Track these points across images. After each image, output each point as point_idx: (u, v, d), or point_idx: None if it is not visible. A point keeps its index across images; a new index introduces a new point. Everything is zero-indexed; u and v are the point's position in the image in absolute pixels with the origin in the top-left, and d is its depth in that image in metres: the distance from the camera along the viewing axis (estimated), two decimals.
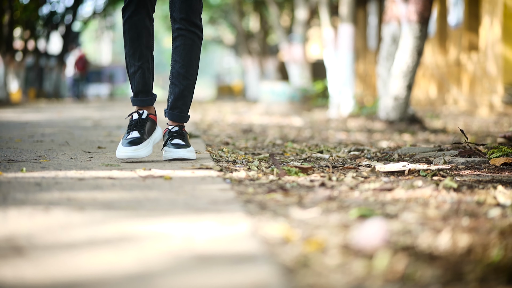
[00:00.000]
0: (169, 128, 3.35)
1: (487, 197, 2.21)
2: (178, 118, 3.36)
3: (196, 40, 3.34)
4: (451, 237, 1.55)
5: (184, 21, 3.29)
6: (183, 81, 3.35)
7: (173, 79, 3.36)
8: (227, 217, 1.76)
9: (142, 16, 3.24)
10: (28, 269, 1.25)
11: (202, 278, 1.19)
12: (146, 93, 3.32)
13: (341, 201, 2.07)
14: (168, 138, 3.30)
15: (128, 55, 3.29)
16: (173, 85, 3.36)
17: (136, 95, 3.33)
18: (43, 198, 2.05)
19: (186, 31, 3.30)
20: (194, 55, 3.36)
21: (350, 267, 1.31)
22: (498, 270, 1.29)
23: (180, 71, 3.34)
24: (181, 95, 3.35)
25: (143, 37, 3.26)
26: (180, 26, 3.29)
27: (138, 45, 3.25)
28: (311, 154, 3.96)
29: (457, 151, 3.70)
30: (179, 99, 3.35)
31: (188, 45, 3.32)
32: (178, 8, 3.28)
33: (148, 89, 3.33)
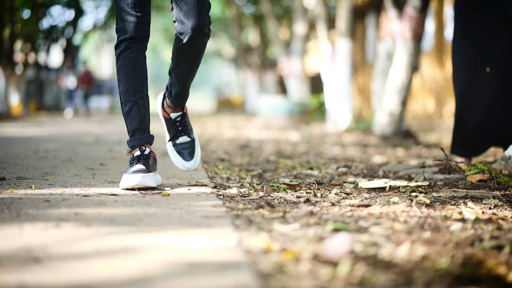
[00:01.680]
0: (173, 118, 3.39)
1: (453, 212, 2.44)
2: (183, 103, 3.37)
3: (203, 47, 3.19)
4: (409, 248, 1.79)
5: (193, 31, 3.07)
6: (189, 80, 3.29)
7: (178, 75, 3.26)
8: (217, 231, 2.00)
9: (135, 50, 3.16)
10: (45, 275, 1.48)
11: (193, 281, 1.43)
12: (143, 130, 3.16)
13: (320, 216, 2.31)
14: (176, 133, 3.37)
15: (122, 92, 3.17)
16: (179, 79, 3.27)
17: (133, 134, 3.16)
18: (53, 213, 2.29)
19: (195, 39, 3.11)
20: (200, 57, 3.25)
21: (318, 273, 1.54)
22: (443, 275, 1.52)
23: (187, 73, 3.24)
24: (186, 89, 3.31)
25: (138, 72, 3.17)
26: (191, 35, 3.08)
27: (133, 80, 3.15)
28: (301, 171, 4.20)
29: (437, 168, 3.94)
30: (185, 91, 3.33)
31: (197, 49, 3.16)
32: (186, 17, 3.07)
33: (146, 126, 3.17)
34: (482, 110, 4.48)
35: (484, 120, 4.48)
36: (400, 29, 8.89)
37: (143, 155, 3.08)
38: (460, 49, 4.54)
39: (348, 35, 12.79)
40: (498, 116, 4.43)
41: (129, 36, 3.13)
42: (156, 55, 51.80)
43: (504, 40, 4.39)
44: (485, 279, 1.50)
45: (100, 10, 30.24)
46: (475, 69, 4.47)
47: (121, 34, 3.15)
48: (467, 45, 4.51)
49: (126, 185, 2.97)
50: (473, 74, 4.49)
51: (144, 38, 3.18)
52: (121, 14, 3.12)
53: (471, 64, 4.48)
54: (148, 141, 3.15)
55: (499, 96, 4.44)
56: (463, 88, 4.52)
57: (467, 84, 4.50)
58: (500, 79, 4.42)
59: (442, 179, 3.61)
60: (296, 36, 18.80)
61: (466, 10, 4.54)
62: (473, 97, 4.51)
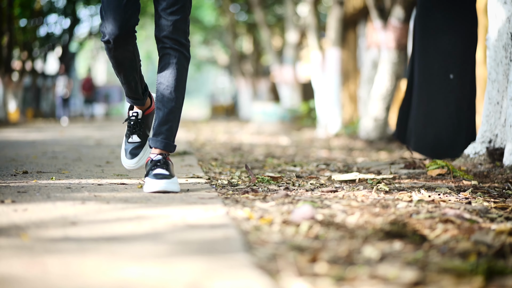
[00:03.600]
0: (152, 157, 3.10)
1: (404, 196, 2.98)
2: (162, 145, 3.11)
3: (182, 60, 3.12)
4: (358, 217, 2.32)
5: (167, 39, 3.09)
6: (167, 104, 3.11)
7: (157, 104, 3.14)
8: (210, 207, 2.52)
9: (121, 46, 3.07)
10: (82, 232, 2.00)
11: (192, 234, 1.96)
12: (136, 98, 3.34)
13: (294, 197, 2.85)
14: (150, 168, 3.06)
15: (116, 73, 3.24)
16: (157, 109, 3.14)
17: (128, 96, 3.36)
18: (76, 196, 2.81)
19: (170, 49, 3.10)
20: (179, 76, 3.12)
21: (285, 231, 2.07)
22: (377, 232, 2.05)
23: (165, 93, 3.11)
24: (165, 120, 3.11)
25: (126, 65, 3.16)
26: (165, 44, 3.10)
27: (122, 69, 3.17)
28: (285, 168, 4.73)
29: (404, 164, 4.48)
30: (163, 124, 3.11)
31: (172, 64, 3.10)
32: (162, 26, 3.09)
33: (137, 95, 3.32)
34: (447, 115, 5.04)
35: (448, 124, 5.04)
36: (385, 39, 9.42)
37: (137, 121, 3.34)
38: (425, 59, 5.10)
39: (338, 44, 13.22)
40: (459, 119, 4.99)
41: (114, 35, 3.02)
42: (150, 62, 52.31)
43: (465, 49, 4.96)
44: (409, 234, 2.02)
45: (96, 18, 30.71)
46: (438, 77, 5.03)
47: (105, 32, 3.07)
48: (432, 55, 5.08)
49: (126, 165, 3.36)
50: (438, 81, 5.05)
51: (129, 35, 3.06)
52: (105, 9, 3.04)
53: (436, 72, 5.04)
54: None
55: (461, 100, 5.00)
56: (430, 96, 5.07)
57: (433, 91, 5.06)
58: (462, 85, 4.99)
59: (406, 173, 4.14)
60: (288, 44, 19.28)
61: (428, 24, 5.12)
62: (440, 104, 5.07)
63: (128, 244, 1.80)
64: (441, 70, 5.07)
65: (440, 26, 5.12)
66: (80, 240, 1.86)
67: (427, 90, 5.14)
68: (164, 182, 2.95)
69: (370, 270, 1.60)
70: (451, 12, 5.12)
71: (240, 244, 1.81)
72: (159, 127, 3.11)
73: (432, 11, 5.19)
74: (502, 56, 4.55)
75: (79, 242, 1.83)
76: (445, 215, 2.48)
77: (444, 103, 5.09)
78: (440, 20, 5.14)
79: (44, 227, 2.04)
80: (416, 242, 1.98)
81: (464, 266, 1.63)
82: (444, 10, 5.16)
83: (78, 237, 1.90)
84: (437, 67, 5.09)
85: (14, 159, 4.98)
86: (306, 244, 1.87)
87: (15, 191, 2.91)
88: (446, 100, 5.09)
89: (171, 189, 2.97)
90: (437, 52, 5.09)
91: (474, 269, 1.60)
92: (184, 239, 1.88)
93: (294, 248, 1.82)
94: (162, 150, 3.10)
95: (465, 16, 5.08)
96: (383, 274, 1.55)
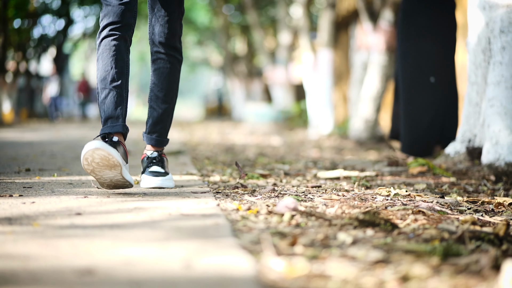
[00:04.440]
0: (148, 154, 3.28)
1: (383, 191, 3.20)
2: (156, 142, 3.29)
3: (175, 64, 3.26)
4: (337, 208, 2.54)
5: (162, 45, 3.21)
6: (161, 105, 3.27)
7: (151, 103, 3.28)
8: (202, 200, 2.75)
9: (117, 38, 2.99)
10: (86, 221, 2.22)
11: (185, 222, 2.18)
12: (117, 118, 2.94)
13: (280, 192, 3.08)
14: (147, 165, 3.25)
15: (99, 81, 2.95)
16: (152, 108, 3.28)
17: (105, 122, 2.94)
18: (78, 190, 3.03)
19: (165, 55, 3.23)
20: (173, 79, 3.27)
21: (269, 220, 2.30)
22: (352, 221, 2.27)
23: (159, 94, 3.25)
24: (159, 119, 3.28)
25: (118, 61, 2.97)
26: (159, 49, 3.22)
27: (111, 68, 2.94)
28: (275, 166, 4.95)
29: (387, 162, 4.71)
30: (157, 123, 3.28)
31: (167, 68, 3.24)
32: (157, 32, 3.19)
33: (120, 115, 2.95)
34: (428, 116, 5.29)
35: (430, 125, 5.29)
36: (375, 41, 9.65)
37: (111, 142, 2.84)
38: (407, 63, 5.35)
39: (330, 46, 13.42)
40: (440, 120, 5.24)
41: (113, 20, 2.97)
42: (144, 63, 52.52)
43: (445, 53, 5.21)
44: (381, 223, 2.25)
45: (89, 19, 30.88)
46: (420, 80, 5.28)
47: (104, 20, 2.99)
48: (413, 59, 5.33)
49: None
50: (420, 84, 5.30)
51: (128, 25, 3.01)
52: (106, 1, 3.00)
53: (418, 75, 5.29)
54: (120, 129, 2.91)
55: (441, 102, 5.25)
56: (412, 97, 5.32)
57: (415, 93, 5.30)
58: (443, 87, 5.24)
59: (388, 171, 4.37)
60: (281, 46, 19.49)
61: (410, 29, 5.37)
62: (421, 105, 5.32)
63: (129, 230, 2.02)
64: (422, 73, 5.31)
65: (421, 30, 5.37)
66: (86, 227, 2.08)
67: (409, 92, 5.39)
68: (159, 179, 3.17)
69: (341, 251, 1.83)
70: (432, 18, 5.36)
71: (228, 230, 2.03)
72: (153, 126, 3.28)
73: (414, 17, 5.44)
74: (481, 60, 4.79)
75: (85, 228, 2.05)
76: (418, 207, 2.71)
77: (426, 104, 5.34)
78: (421, 25, 5.38)
79: (52, 217, 2.26)
80: (387, 230, 2.21)
81: (424, 248, 1.86)
82: (426, 16, 5.40)
83: (83, 225, 2.12)
84: (418, 70, 5.34)
85: (15, 158, 5.20)
86: (288, 231, 2.10)
87: (21, 187, 3.13)
88: (427, 102, 5.33)
89: (166, 185, 3.17)
90: (419, 56, 5.34)
91: (432, 251, 1.83)
92: (178, 226, 2.10)
93: (276, 234, 2.05)
94: (157, 148, 3.30)
95: (445, 21, 5.33)
96: (352, 255, 1.78)
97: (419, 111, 5.33)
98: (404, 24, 5.46)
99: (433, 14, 5.39)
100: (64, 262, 1.58)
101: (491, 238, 2.12)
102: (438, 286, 1.48)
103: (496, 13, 4.64)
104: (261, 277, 1.47)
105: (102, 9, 3.00)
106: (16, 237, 1.89)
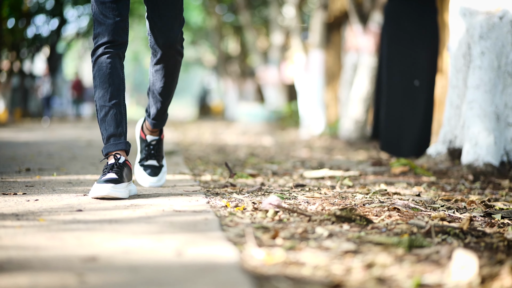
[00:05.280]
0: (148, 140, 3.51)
1: (364, 190, 3.42)
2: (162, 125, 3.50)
3: (177, 65, 3.31)
4: (317, 206, 2.76)
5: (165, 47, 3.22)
6: (165, 100, 3.39)
7: (155, 94, 3.38)
8: (193, 198, 2.96)
9: (112, 56, 3.06)
10: (87, 216, 2.43)
11: (177, 217, 2.39)
12: (119, 136, 3.06)
13: (267, 190, 3.29)
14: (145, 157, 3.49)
15: (98, 98, 3.06)
16: (156, 99, 3.39)
17: (108, 140, 3.05)
18: (77, 189, 3.24)
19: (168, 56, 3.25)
20: (173, 78, 3.34)
21: (255, 216, 2.51)
22: (330, 216, 2.48)
23: (159, 91, 3.36)
24: (164, 110, 3.44)
25: (114, 78, 3.05)
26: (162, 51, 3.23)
27: (109, 86, 3.04)
28: (264, 165, 5.17)
29: (371, 163, 4.93)
30: (163, 113, 3.45)
31: (168, 70, 3.29)
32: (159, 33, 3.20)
33: (122, 132, 3.07)
34: (413, 117, 5.53)
35: (414, 126, 5.52)
36: (365, 43, 9.86)
37: (117, 164, 2.95)
38: (392, 66, 5.58)
39: (322, 46, 13.58)
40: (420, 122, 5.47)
41: (107, 40, 3.03)
42: (138, 63, 52.69)
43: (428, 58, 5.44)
44: (356, 219, 2.46)
45: (83, 19, 31.02)
46: (404, 83, 5.51)
47: (98, 39, 3.05)
48: (398, 63, 5.56)
49: (96, 194, 2.86)
50: (404, 87, 5.53)
51: (122, 44, 3.08)
52: (99, 19, 3.04)
53: (402, 78, 5.52)
54: (124, 147, 3.05)
55: (425, 104, 5.48)
56: (395, 99, 5.55)
57: (399, 95, 5.54)
58: (427, 90, 5.47)
59: (372, 170, 4.59)
60: (273, 46, 19.68)
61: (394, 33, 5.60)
62: (405, 107, 5.55)
63: (126, 225, 2.23)
64: (406, 76, 5.54)
65: (405, 35, 5.60)
66: (87, 222, 2.29)
67: (394, 94, 5.61)
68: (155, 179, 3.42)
69: (317, 243, 2.04)
70: (415, 23, 5.59)
71: (217, 225, 2.24)
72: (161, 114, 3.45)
73: (398, 22, 5.67)
74: (461, 64, 5.01)
75: (86, 223, 2.26)
76: (394, 204, 2.92)
77: (409, 107, 5.56)
78: (405, 30, 5.61)
79: (55, 213, 2.47)
80: (362, 225, 2.43)
81: (391, 240, 2.07)
82: (409, 21, 5.63)
83: (85, 220, 2.33)
84: (402, 74, 5.57)
85: (14, 158, 5.40)
86: (271, 226, 2.31)
87: (23, 185, 3.34)
88: (411, 105, 5.56)
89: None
90: (403, 60, 5.57)
91: (398, 243, 2.04)
92: (171, 221, 2.31)
93: (260, 228, 2.26)
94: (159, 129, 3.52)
95: (427, 27, 5.56)
96: (327, 246, 1.99)
97: (402, 113, 5.56)
98: (388, 28, 5.69)
99: (416, 19, 5.62)
100: (70, 251, 1.79)
101: (456, 232, 2.34)
102: (398, 272, 1.70)
103: (475, 20, 4.87)
104: (243, 263, 1.69)
105: (95, 26, 3.06)
106: (25, 230, 2.09)
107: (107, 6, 3.01)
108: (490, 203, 3.23)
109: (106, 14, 3.02)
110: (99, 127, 3.07)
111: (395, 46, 5.64)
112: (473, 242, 2.21)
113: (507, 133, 4.68)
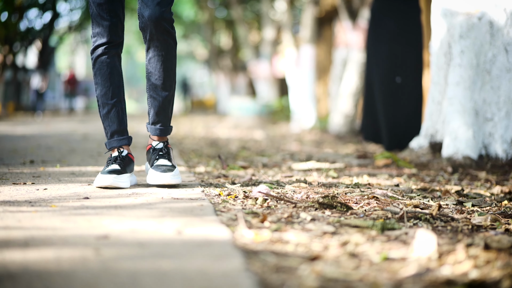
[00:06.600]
0: (153, 145, 3.33)
1: (346, 180, 3.69)
2: (161, 132, 3.31)
3: (169, 49, 3.20)
4: (303, 194, 3.02)
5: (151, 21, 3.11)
6: (161, 93, 3.25)
7: (150, 92, 3.27)
8: (189, 187, 3.22)
9: (111, 55, 3.25)
10: (94, 203, 2.68)
11: (176, 204, 2.65)
12: (122, 132, 3.30)
13: (257, 180, 3.55)
14: (154, 157, 3.29)
15: (100, 96, 3.25)
16: (152, 98, 3.28)
17: (112, 136, 3.29)
18: (81, 179, 3.49)
19: (157, 41, 3.16)
20: (169, 65, 3.22)
21: (246, 203, 2.77)
22: (314, 203, 2.75)
23: (157, 83, 3.23)
24: (161, 108, 3.27)
25: (115, 76, 3.25)
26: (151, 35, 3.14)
27: (110, 84, 3.25)
28: (255, 158, 5.43)
29: (356, 155, 5.20)
30: (160, 113, 3.28)
31: (162, 55, 3.19)
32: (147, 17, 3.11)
33: (124, 128, 3.30)
34: (398, 113, 5.81)
35: (399, 121, 5.81)
36: (354, 39, 10.12)
37: (120, 156, 3.22)
38: (376, 63, 5.86)
39: (313, 42, 13.80)
40: (405, 117, 5.76)
41: (106, 41, 3.22)
42: (130, 57, 52.86)
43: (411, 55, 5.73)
44: (337, 205, 2.73)
45: (75, 13, 31.14)
46: (390, 79, 5.80)
47: (97, 38, 3.23)
48: (382, 60, 5.84)
49: (100, 184, 3.10)
50: (389, 83, 5.81)
51: (120, 43, 3.27)
52: (97, 20, 3.21)
53: (386, 75, 5.80)
54: (126, 142, 3.29)
55: (409, 100, 5.77)
56: (378, 94, 5.83)
57: (382, 91, 5.82)
58: (409, 87, 5.75)
59: (357, 163, 4.86)
60: (265, 41, 19.89)
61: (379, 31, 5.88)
62: (391, 103, 5.83)
63: (130, 210, 2.49)
64: (389, 73, 5.82)
65: (389, 33, 5.87)
66: (95, 207, 2.55)
67: (377, 90, 5.89)
68: (169, 176, 3.15)
69: (301, 226, 2.30)
70: (399, 22, 5.87)
71: (211, 210, 2.50)
72: (156, 116, 3.27)
73: (383, 20, 5.94)
74: (443, 62, 5.28)
75: (94, 208, 2.52)
76: (373, 193, 3.19)
77: (392, 102, 5.84)
78: (389, 28, 5.89)
79: (65, 200, 2.72)
80: (343, 211, 2.69)
81: (366, 223, 2.33)
82: (393, 20, 5.90)
83: (92, 206, 2.59)
84: (386, 71, 5.84)
85: (15, 151, 5.64)
86: (260, 211, 2.57)
87: (31, 176, 3.59)
88: (393, 100, 5.84)
89: (175, 182, 3.16)
90: (386, 57, 5.84)
91: (372, 226, 2.30)
92: (170, 207, 2.57)
93: (250, 213, 2.52)
94: (163, 138, 3.32)
95: (411, 25, 5.83)
96: (309, 228, 2.26)
97: (385, 108, 5.84)
98: (373, 26, 5.97)
99: (401, 18, 5.89)
100: (83, 231, 2.05)
101: (427, 217, 2.60)
102: (369, 249, 1.96)
103: (456, 20, 5.13)
104: (235, 241, 1.95)
105: (93, 26, 3.22)
106: (41, 214, 2.35)
107: (104, 8, 3.19)
108: (463, 192, 3.49)
109: (103, 16, 3.20)
110: (101, 121, 3.30)
111: (379, 44, 5.92)
112: (440, 226, 2.47)
113: (485, 127, 4.95)
